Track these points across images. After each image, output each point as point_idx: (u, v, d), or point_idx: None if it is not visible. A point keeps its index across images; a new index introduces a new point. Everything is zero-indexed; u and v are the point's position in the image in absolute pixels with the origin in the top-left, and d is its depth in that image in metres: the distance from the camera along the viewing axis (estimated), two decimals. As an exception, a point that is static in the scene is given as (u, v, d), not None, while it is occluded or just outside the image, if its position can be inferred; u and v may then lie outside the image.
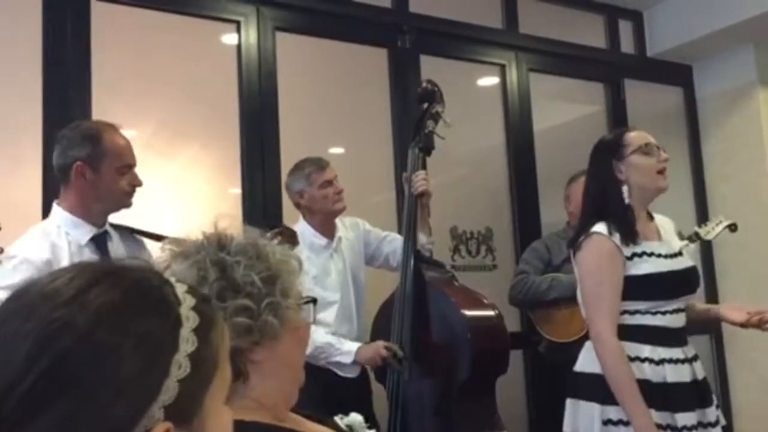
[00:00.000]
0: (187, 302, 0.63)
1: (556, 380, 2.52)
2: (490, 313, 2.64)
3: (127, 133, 3.10)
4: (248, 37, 3.25)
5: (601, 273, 2.06)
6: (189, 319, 0.61)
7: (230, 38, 3.26)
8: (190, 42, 3.21)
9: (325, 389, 2.39)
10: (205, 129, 3.15)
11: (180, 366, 0.59)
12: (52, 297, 0.58)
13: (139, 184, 2.15)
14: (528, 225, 3.84)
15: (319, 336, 2.54)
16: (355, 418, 1.22)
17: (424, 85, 2.83)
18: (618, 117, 4.28)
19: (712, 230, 3.20)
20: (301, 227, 2.75)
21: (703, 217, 4.45)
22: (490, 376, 2.60)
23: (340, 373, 2.62)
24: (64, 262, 1.96)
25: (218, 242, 1.00)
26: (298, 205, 2.81)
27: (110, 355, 0.56)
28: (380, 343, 2.59)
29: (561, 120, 4.27)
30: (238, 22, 3.24)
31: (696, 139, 4.61)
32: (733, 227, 3.30)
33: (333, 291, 2.70)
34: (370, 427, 1.23)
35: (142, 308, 0.60)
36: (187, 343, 0.60)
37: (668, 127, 4.48)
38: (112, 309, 0.58)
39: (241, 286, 0.97)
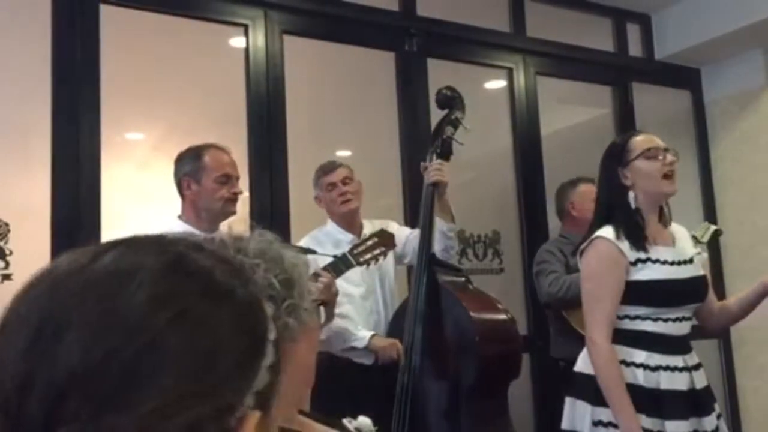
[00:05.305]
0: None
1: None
2: (501, 317, 2.63)
3: (135, 135, 3.14)
4: (256, 41, 3.25)
5: (600, 277, 2.08)
6: (268, 306, 0.60)
7: (238, 42, 3.27)
8: (198, 45, 3.22)
9: (344, 378, 2.51)
10: (212, 132, 3.15)
11: (269, 352, 0.57)
12: (137, 273, 0.54)
13: (240, 191, 2.45)
14: (535, 228, 3.83)
15: (336, 322, 2.58)
16: (364, 421, 1.22)
17: (444, 91, 2.85)
18: (626, 120, 4.27)
19: (705, 234, 3.19)
20: (329, 227, 2.86)
21: (710, 221, 4.44)
22: (500, 381, 2.60)
23: (356, 360, 2.67)
24: None
25: (235, 245, 1.00)
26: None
27: (217, 333, 0.53)
28: (398, 341, 2.63)
29: (568, 123, 4.27)
30: (245, 26, 3.25)
31: (704, 142, 4.59)
32: (719, 232, 3.29)
33: (356, 285, 2.73)
34: (379, 430, 1.22)
35: (232, 292, 0.57)
36: (272, 330, 0.58)
37: (676, 131, 4.47)
38: (205, 294, 0.55)
39: (261, 288, 0.97)
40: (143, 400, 0.49)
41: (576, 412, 2.10)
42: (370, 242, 2.44)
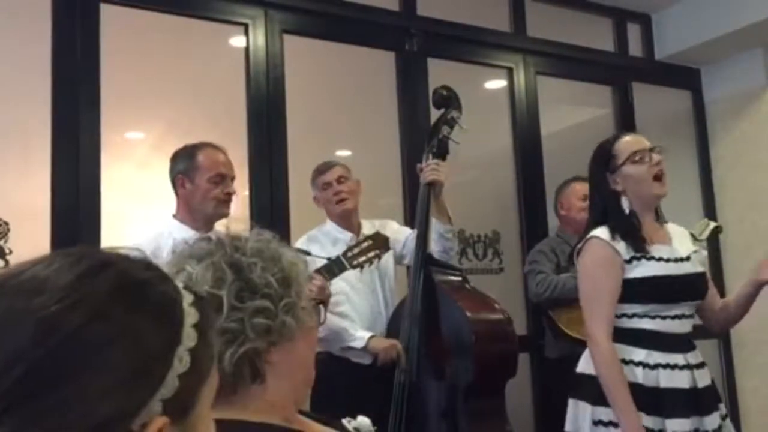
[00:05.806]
0: (187, 298, 0.63)
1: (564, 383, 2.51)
2: (497, 317, 2.64)
3: (135, 135, 3.14)
4: (256, 40, 3.26)
5: (596, 277, 2.09)
6: (190, 315, 0.61)
7: (238, 41, 3.27)
8: (198, 45, 3.22)
9: (343, 377, 2.51)
10: (212, 131, 3.15)
11: (181, 360, 0.59)
12: (47, 283, 0.57)
13: (233, 192, 2.43)
14: (535, 228, 3.83)
15: (334, 320, 2.58)
16: (363, 420, 1.22)
17: (440, 90, 2.85)
18: (626, 120, 4.27)
19: (704, 231, 3.22)
20: (327, 226, 2.86)
21: (710, 219, 4.43)
22: (497, 380, 2.60)
23: (354, 359, 2.67)
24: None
25: (233, 244, 1.00)
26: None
27: (114, 346, 0.55)
28: (397, 341, 2.63)
29: (568, 123, 4.27)
30: (246, 25, 3.25)
31: (704, 142, 4.59)
32: (718, 229, 3.31)
33: (356, 285, 2.73)
34: (378, 430, 1.23)
35: (144, 300, 0.59)
36: (189, 337, 0.60)
37: (676, 131, 4.47)
38: (114, 299, 0.57)
39: (259, 287, 0.97)
40: (47, 402, 0.52)
41: (578, 414, 2.11)
42: (364, 245, 2.44)
